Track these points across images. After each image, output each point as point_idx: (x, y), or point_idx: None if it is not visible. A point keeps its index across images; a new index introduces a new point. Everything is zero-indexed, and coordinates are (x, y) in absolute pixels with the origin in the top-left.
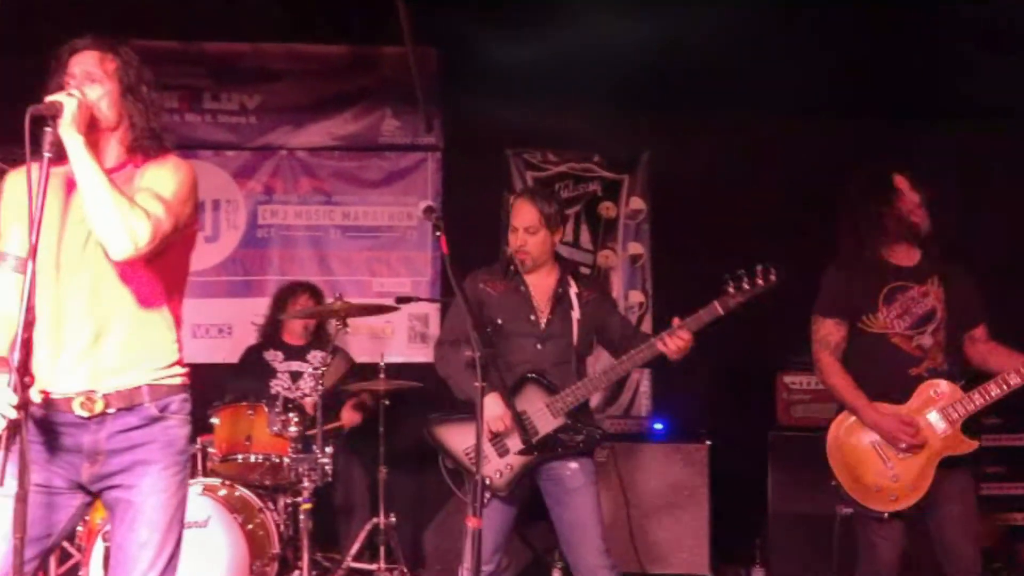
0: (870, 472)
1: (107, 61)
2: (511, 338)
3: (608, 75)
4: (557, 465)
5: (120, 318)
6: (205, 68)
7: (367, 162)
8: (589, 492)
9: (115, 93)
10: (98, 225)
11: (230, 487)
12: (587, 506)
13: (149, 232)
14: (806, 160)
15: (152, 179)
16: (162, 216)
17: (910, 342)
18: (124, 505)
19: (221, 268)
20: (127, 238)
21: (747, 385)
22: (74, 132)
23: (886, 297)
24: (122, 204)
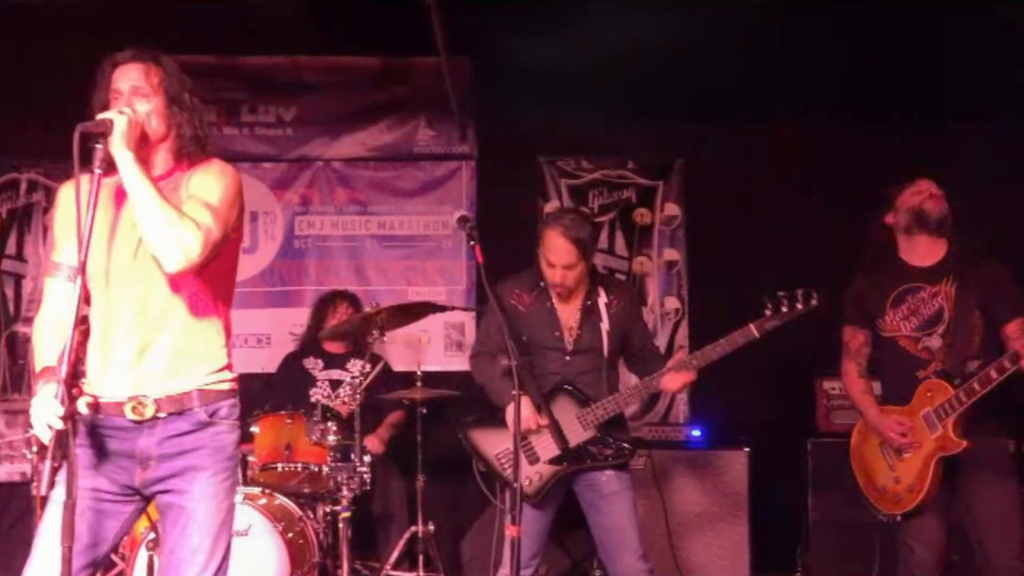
0: (879, 475)
1: (152, 74)
2: (537, 351)
3: (641, 81)
4: (592, 472)
5: (170, 325)
6: (242, 82)
7: (402, 172)
8: (625, 497)
9: (162, 105)
10: (151, 240)
11: (270, 496)
12: (623, 511)
13: (200, 243)
14: (843, 163)
15: (198, 185)
16: (211, 225)
17: (916, 344)
18: (176, 510)
19: (259, 279)
20: (180, 252)
21: (786, 391)
22: (124, 149)
23: (895, 300)
24: (173, 218)
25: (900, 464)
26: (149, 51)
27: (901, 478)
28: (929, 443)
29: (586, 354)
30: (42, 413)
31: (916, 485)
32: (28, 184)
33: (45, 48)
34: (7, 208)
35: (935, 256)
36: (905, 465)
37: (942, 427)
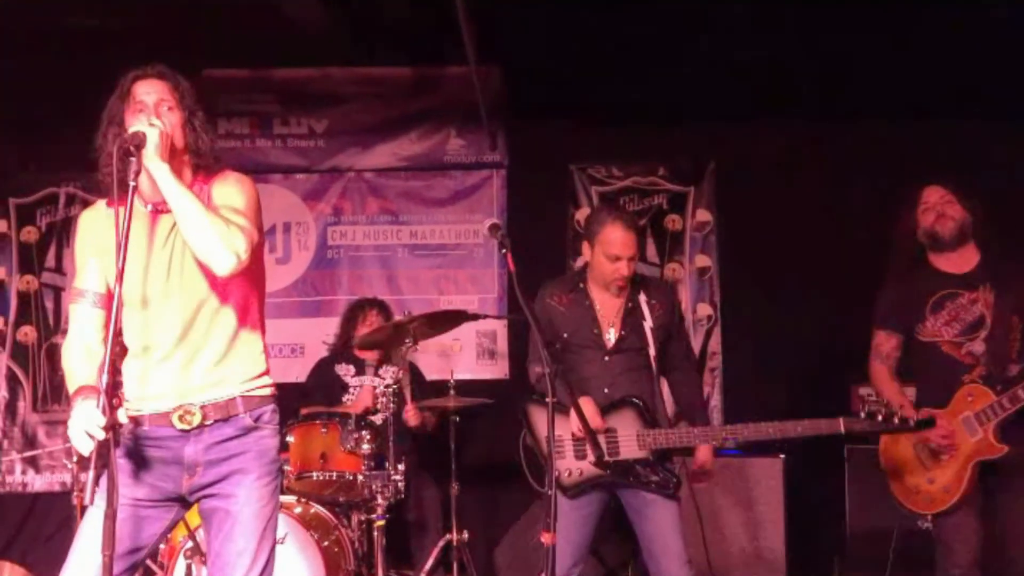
0: (911, 475)
1: (174, 88)
2: (577, 351)
3: (670, 86)
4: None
5: (212, 335)
6: (274, 94)
7: (433, 181)
8: (670, 503)
9: (183, 119)
10: (199, 245)
11: (305, 504)
12: (668, 517)
13: (246, 244)
14: (878, 164)
15: (222, 196)
16: (250, 227)
17: (959, 349)
18: (222, 514)
19: (292, 289)
20: (230, 253)
21: (821, 398)
22: (159, 160)
23: (934, 305)
24: (218, 222)
25: (936, 465)
26: (169, 69)
27: (935, 479)
28: (968, 446)
29: (627, 353)
30: (81, 424)
31: (951, 487)
32: (67, 197)
33: (81, 64)
34: (46, 222)
35: (968, 263)
36: (941, 467)
37: (983, 431)
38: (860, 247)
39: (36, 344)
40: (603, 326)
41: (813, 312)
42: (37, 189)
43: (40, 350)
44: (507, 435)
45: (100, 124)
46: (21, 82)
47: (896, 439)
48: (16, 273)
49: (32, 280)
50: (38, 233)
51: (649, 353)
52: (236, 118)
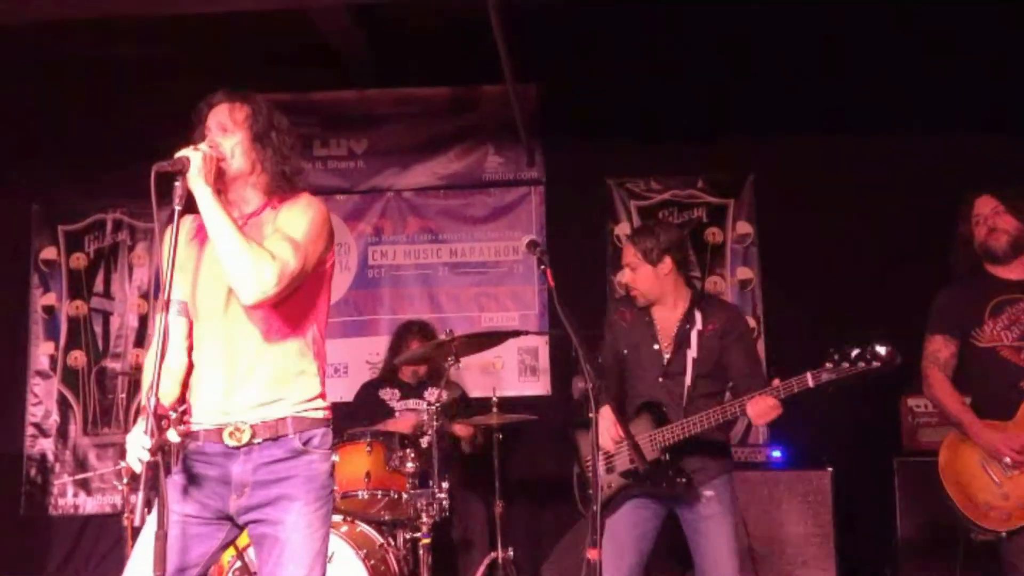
0: (981, 491)
1: (236, 111)
2: (636, 369)
3: (708, 98)
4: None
5: (268, 354)
6: (315, 117)
7: (472, 199)
8: (724, 520)
9: (247, 141)
10: (229, 273)
11: (351, 523)
12: (721, 534)
13: (275, 277)
14: (916, 175)
15: (284, 220)
16: (290, 258)
17: (1019, 354)
18: (271, 541)
19: (335, 309)
20: (256, 284)
21: (868, 409)
22: (202, 183)
23: (993, 310)
24: (249, 251)
25: (1008, 480)
26: (240, 91)
27: (1010, 494)
28: None
29: (677, 379)
30: (134, 446)
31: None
32: (114, 224)
33: (127, 93)
34: (95, 248)
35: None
36: (1014, 482)
37: None
38: (903, 256)
39: (86, 368)
40: (660, 341)
41: (859, 322)
42: (85, 216)
43: (90, 374)
44: (551, 451)
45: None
46: (69, 111)
47: (958, 454)
48: (66, 299)
49: (82, 305)
50: (87, 259)
51: (684, 383)
52: None
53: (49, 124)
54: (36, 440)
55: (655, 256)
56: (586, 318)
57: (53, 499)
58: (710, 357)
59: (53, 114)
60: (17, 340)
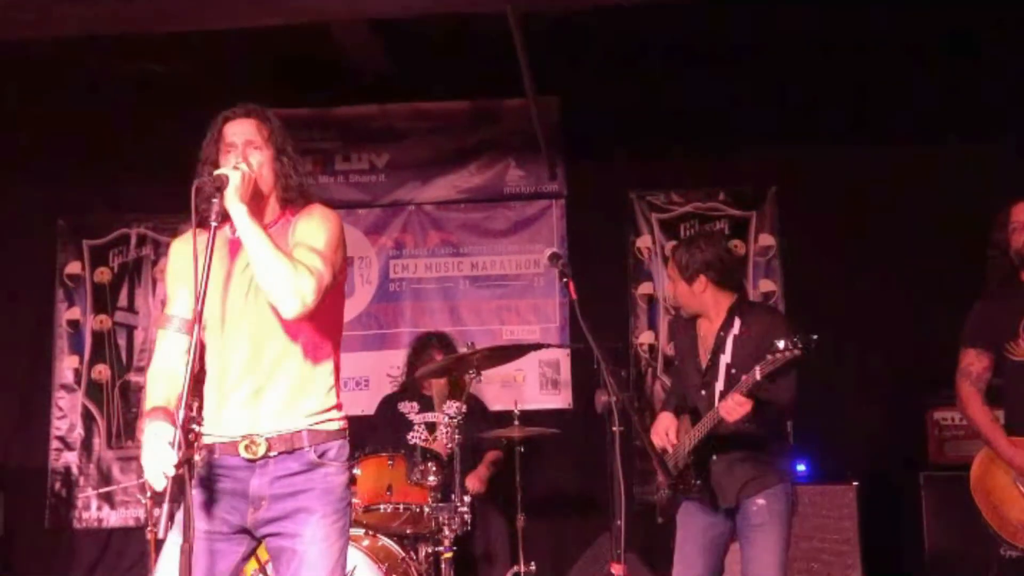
0: (1014, 509)
1: (263, 128)
2: (684, 379)
3: (729, 110)
4: (747, 501)
5: (284, 367)
6: (336, 131)
7: (493, 212)
8: (771, 530)
9: (271, 157)
10: (268, 288)
11: (373, 537)
12: (767, 543)
13: (314, 289)
14: (940, 187)
15: (304, 232)
16: (323, 270)
17: None
18: (288, 554)
19: (356, 323)
20: (297, 299)
21: (893, 422)
22: (238, 202)
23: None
24: (289, 267)
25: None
26: (258, 107)
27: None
28: None
29: (710, 387)
30: (155, 461)
31: None
32: (137, 238)
33: (151, 108)
34: (118, 262)
35: None
36: None
37: None
38: (928, 268)
39: (110, 382)
40: (702, 355)
41: (882, 336)
42: (109, 231)
43: (114, 388)
44: (572, 465)
45: (199, 163)
46: (93, 127)
47: (989, 471)
48: (90, 313)
49: (106, 319)
50: (111, 273)
51: (715, 389)
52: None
53: (74, 140)
54: (61, 453)
55: (690, 274)
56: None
57: (77, 512)
58: (745, 362)
59: (78, 130)
60: (42, 354)
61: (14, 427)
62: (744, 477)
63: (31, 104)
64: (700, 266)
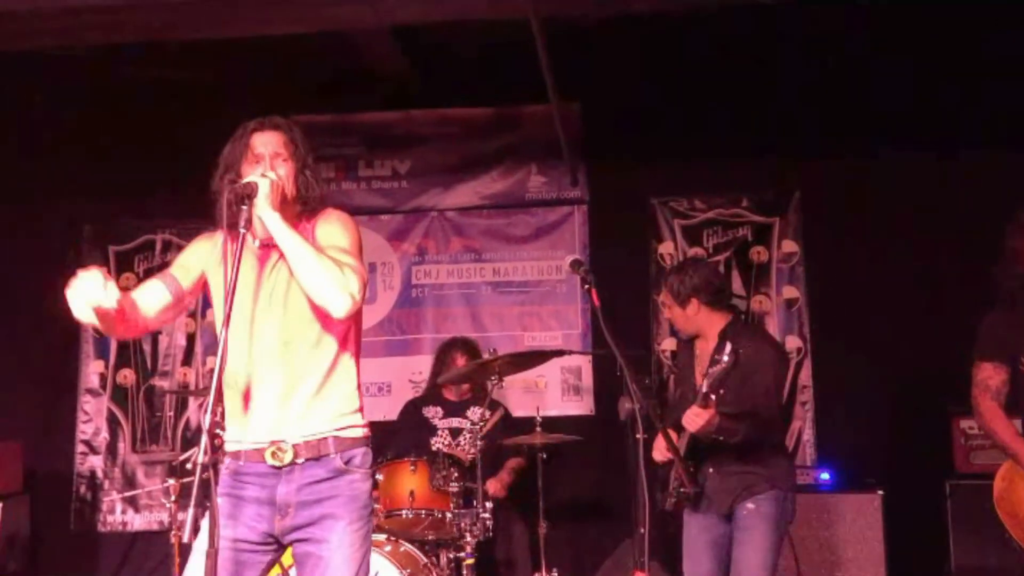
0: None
1: (289, 141)
2: (683, 398)
3: (753, 116)
4: (738, 507)
5: (310, 368)
6: (359, 138)
7: (515, 218)
8: (758, 533)
9: (295, 169)
10: (316, 291)
11: (395, 542)
12: (754, 544)
13: (360, 286)
14: (964, 194)
15: (328, 236)
16: (359, 267)
17: None
18: (314, 560)
19: (379, 328)
20: (347, 297)
21: (919, 430)
22: (271, 210)
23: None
24: (334, 267)
25: None
26: (284, 120)
27: None
28: None
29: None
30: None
31: None
32: (163, 244)
33: (175, 116)
34: (144, 268)
35: None
36: None
37: None
38: (952, 275)
39: (135, 386)
40: (698, 374)
41: (908, 342)
42: (134, 237)
43: (139, 392)
44: (594, 471)
45: (216, 169)
46: (119, 133)
47: (1013, 485)
48: None
49: None
50: (136, 279)
51: None
52: (322, 162)
53: (100, 146)
54: (86, 457)
55: (682, 299)
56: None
57: (102, 516)
58: (731, 385)
59: (104, 136)
60: (69, 359)
61: (41, 431)
62: (737, 486)
63: (57, 111)
64: (690, 290)
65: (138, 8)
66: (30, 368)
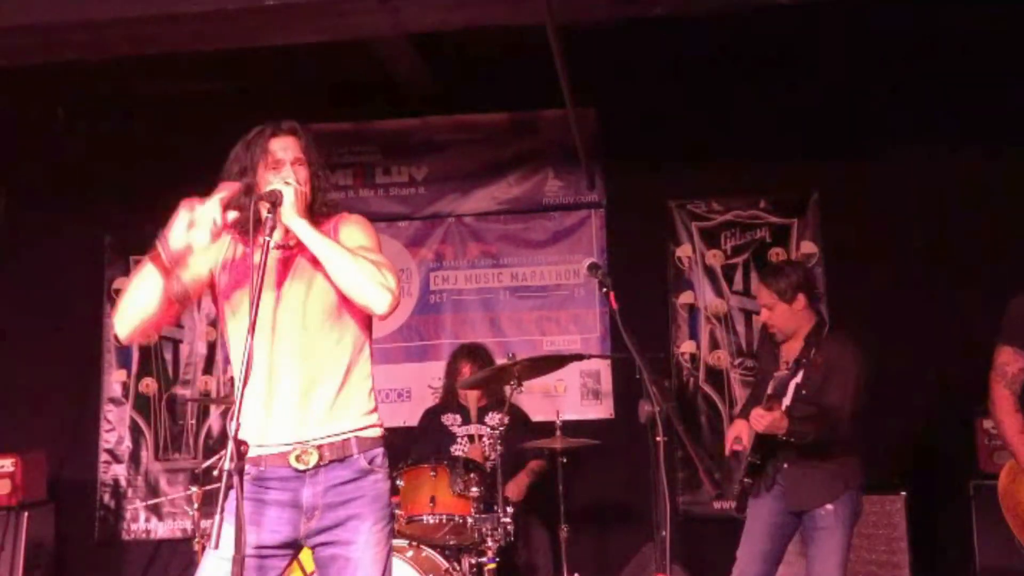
0: None
1: (305, 146)
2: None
3: (769, 117)
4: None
5: (329, 373)
6: (376, 145)
7: (532, 223)
8: (835, 533)
9: (311, 174)
10: (356, 290)
11: (416, 548)
12: (831, 545)
13: (396, 282)
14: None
15: (351, 238)
16: (390, 264)
17: None
18: (342, 562)
19: (397, 334)
20: (387, 293)
21: (942, 431)
22: (296, 216)
23: None
24: (369, 265)
25: None
26: (298, 124)
27: None
28: None
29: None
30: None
31: None
32: None
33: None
34: None
35: None
36: None
37: None
38: (971, 275)
39: (157, 395)
40: (781, 368)
41: (929, 343)
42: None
43: (161, 401)
44: (614, 475)
45: (227, 172)
46: (140, 144)
47: (1016, 481)
48: None
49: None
50: None
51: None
52: (340, 170)
53: (121, 157)
54: (109, 466)
55: (790, 295)
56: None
57: (126, 524)
58: (811, 386)
59: (125, 147)
60: (91, 368)
61: (66, 440)
62: (813, 485)
63: (78, 122)
64: (797, 284)
65: (163, 20)
66: (53, 378)
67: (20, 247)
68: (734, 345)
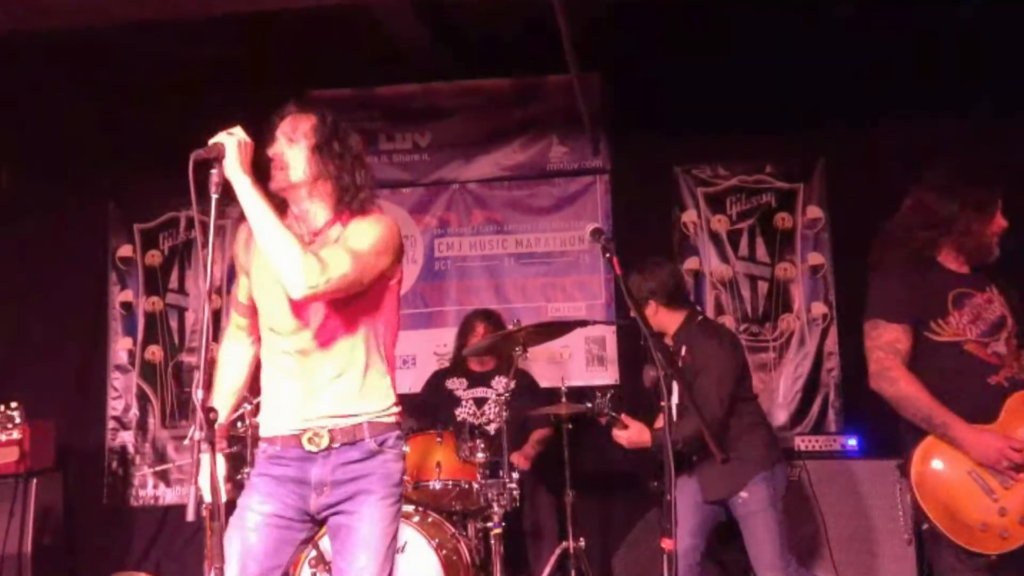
0: (971, 507)
1: (302, 121)
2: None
3: (776, 82)
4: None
5: (344, 363)
6: (379, 111)
7: (536, 189)
8: (759, 516)
9: (308, 151)
10: (275, 264)
11: (423, 513)
12: (758, 527)
13: (324, 276)
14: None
15: (349, 232)
16: (345, 264)
17: (985, 349)
18: (346, 531)
19: (403, 301)
20: (301, 277)
21: None
22: (239, 171)
23: (955, 301)
24: (295, 246)
25: (1006, 492)
26: (309, 103)
27: (1009, 509)
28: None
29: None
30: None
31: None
32: (187, 221)
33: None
34: (168, 245)
35: (964, 267)
36: (1013, 492)
37: None
38: None
39: (163, 363)
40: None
41: None
42: (159, 214)
43: (167, 368)
44: None
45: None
46: (143, 112)
47: (941, 461)
48: (142, 295)
49: (157, 301)
50: (161, 256)
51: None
52: None
53: (124, 125)
54: (117, 433)
55: (641, 301)
56: None
57: (134, 490)
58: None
59: (128, 115)
60: (97, 336)
61: (73, 408)
62: (722, 477)
63: (82, 89)
64: (647, 293)
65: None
66: (60, 346)
67: (24, 217)
68: (739, 311)
